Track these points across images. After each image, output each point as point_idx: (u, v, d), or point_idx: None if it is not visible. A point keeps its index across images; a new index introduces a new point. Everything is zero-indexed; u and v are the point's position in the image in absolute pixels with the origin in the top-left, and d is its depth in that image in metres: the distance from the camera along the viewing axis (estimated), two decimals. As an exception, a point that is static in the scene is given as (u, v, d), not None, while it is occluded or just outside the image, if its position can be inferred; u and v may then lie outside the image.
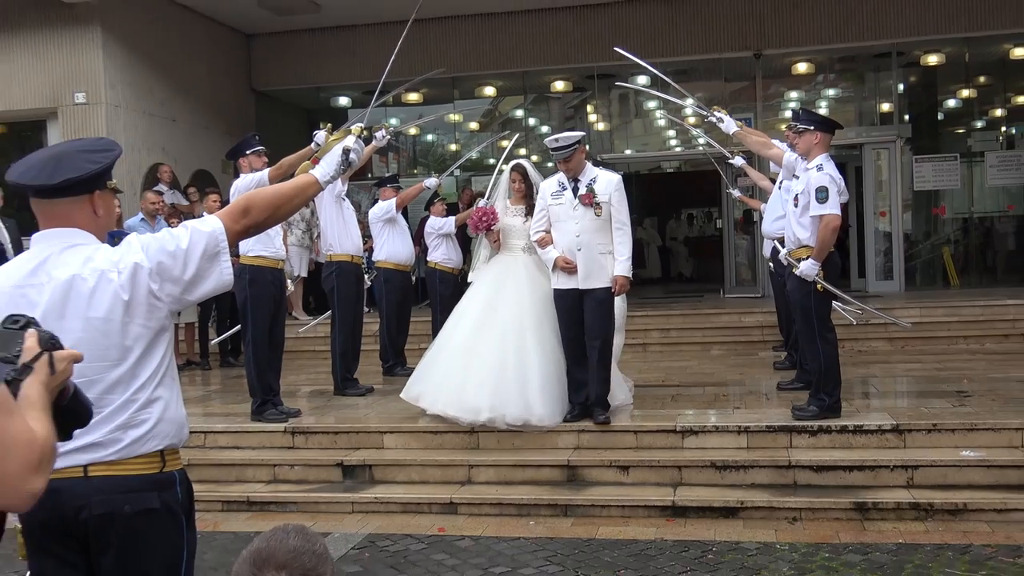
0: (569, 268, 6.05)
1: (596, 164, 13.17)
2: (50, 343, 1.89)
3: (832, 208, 5.95)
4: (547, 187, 6.30)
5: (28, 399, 1.80)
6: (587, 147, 6.34)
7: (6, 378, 1.82)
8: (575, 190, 6.09)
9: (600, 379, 6.14)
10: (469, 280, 7.18)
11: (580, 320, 6.10)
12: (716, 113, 6.93)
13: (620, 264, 6.05)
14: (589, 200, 6.02)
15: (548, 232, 6.22)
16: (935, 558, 4.72)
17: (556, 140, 6.13)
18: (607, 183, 6.10)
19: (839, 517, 5.38)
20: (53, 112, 11.07)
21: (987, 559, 4.68)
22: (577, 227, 6.06)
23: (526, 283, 6.53)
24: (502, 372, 6.10)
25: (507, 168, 6.99)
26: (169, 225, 8.60)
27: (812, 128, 6.21)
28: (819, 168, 6.04)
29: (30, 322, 1.86)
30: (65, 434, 1.85)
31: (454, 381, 6.25)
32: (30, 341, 1.86)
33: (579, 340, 6.11)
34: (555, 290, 6.19)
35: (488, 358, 6.19)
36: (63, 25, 10.88)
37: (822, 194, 5.95)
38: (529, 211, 6.64)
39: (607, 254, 6.07)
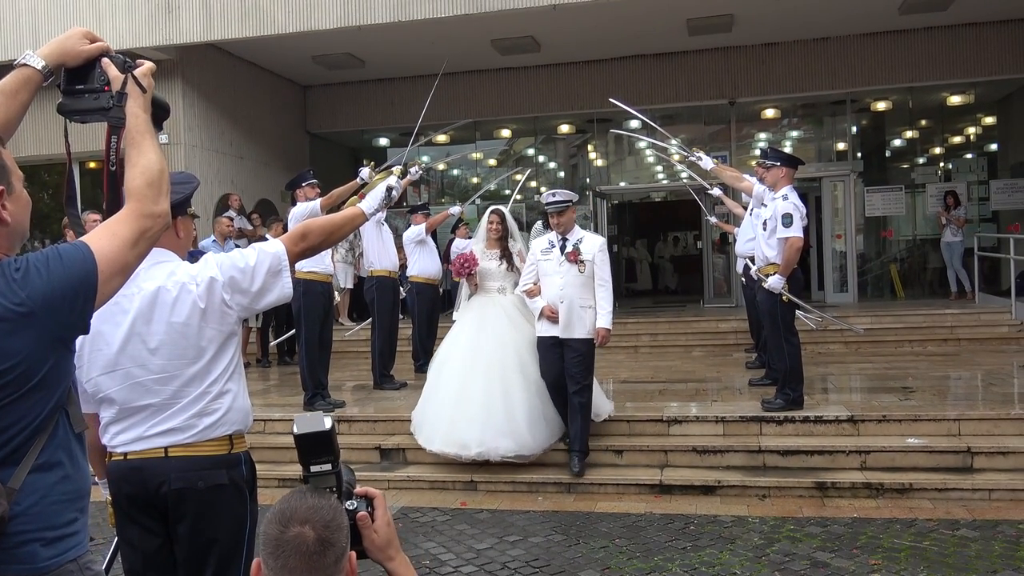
0: (553, 317, 5.64)
1: (597, 195, 13.15)
2: (126, 66, 1.75)
3: (795, 232, 5.94)
4: (538, 244, 5.88)
5: (139, 128, 1.73)
6: (576, 210, 5.89)
7: (106, 105, 1.71)
8: (563, 248, 5.70)
9: (580, 428, 5.67)
10: (454, 317, 6.66)
11: (559, 364, 5.66)
12: (696, 153, 6.91)
13: (602, 317, 5.60)
14: (574, 258, 5.63)
15: (536, 284, 5.81)
16: (885, 530, 4.67)
17: (554, 194, 5.73)
18: (592, 244, 5.69)
19: (802, 495, 5.34)
20: (141, 151, 11.16)
21: (930, 531, 4.63)
22: (562, 281, 5.64)
23: (505, 322, 6.06)
24: (489, 408, 5.68)
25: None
26: (236, 246, 8.65)
27: (779, 164, 6.20)
28: (785, 198, 6.03)
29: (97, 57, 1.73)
30: (158, 126, 1.78)
31: (445, 420, 5.83)
32: (111, 71, 1.74)
33: (559, 384, 5.68)
34: (538, 337, 5.78)
35: (475, 396, 5.74)
36: (150, 78, 10.97)
37: (787, 220, 5.94)
38: (503, 254, 6.26)
39: (588, 308, 5.62)
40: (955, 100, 13.16)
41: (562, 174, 15.30)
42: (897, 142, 14.18)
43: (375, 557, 1.51)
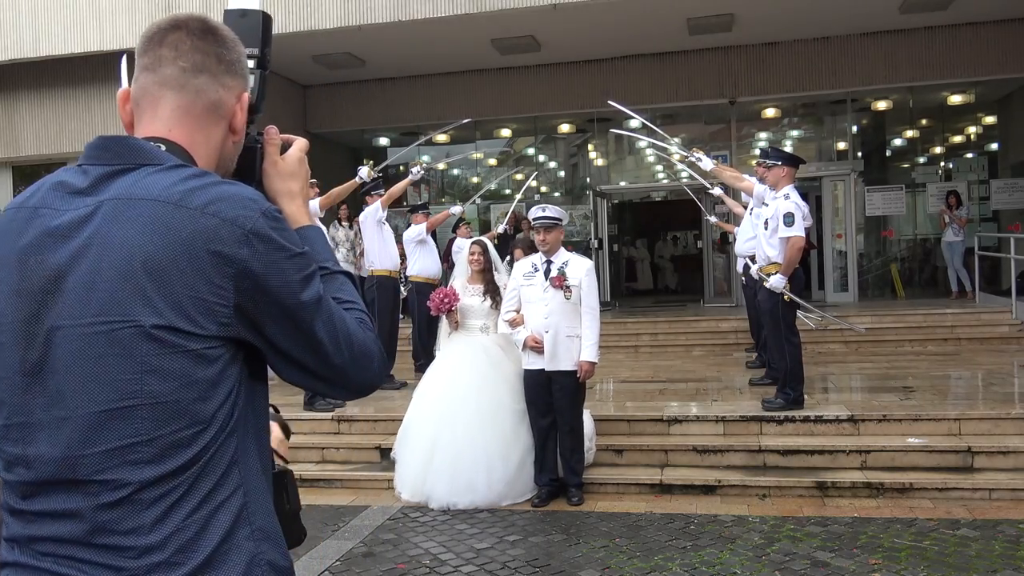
0: (537, 347, 5.27)
1: (598, 195, 13.13)
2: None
3: (797, 231, 5.93)
4: (520, 267, 5.50)
5: None
6: (564, 231, 5.54)
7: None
8: (547, 272, 5.31)
9: (574, 460, 5.39)
10: (437, 349, 6.22)
11: (547, 401, 5.33)
12: (695, 154, 6.90)
13: (586, 349, 5.23)
14: (559, 283, 5.24)
15: (518, 312, 5.44)
16: (885, 530, 4.67)
17: (544, 209, 5.36)
18: (579, 268, 5.30)
19: (802, 494, 5.34)
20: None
21: (930, 531, 4.63)
22: (546, 309, 5.26)
23: (486, 366, 5.63)
24: (457, 466, 5.32)
25: (467, 243, 6.11)
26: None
27: (780, 163, 6.20)
28: (786, 197, 6.02)
29: None
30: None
31: (415, 470, 5.50)
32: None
33: (546, 423, 5.36)
34: (524, 370, 5.43)
35: (445, 452, 5.38)
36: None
37: (789, 219, 5.93)
38: (488, 288, 5.84)
39: (574, 337, 5.25)
40: (955, 99, 13.15)
41: (562, 173, 15.30)
42: (897, 141, 14.18)
43: (274, 186, 1.31)
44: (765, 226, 6.27)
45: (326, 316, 1.17)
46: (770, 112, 13.40)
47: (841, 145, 13.51)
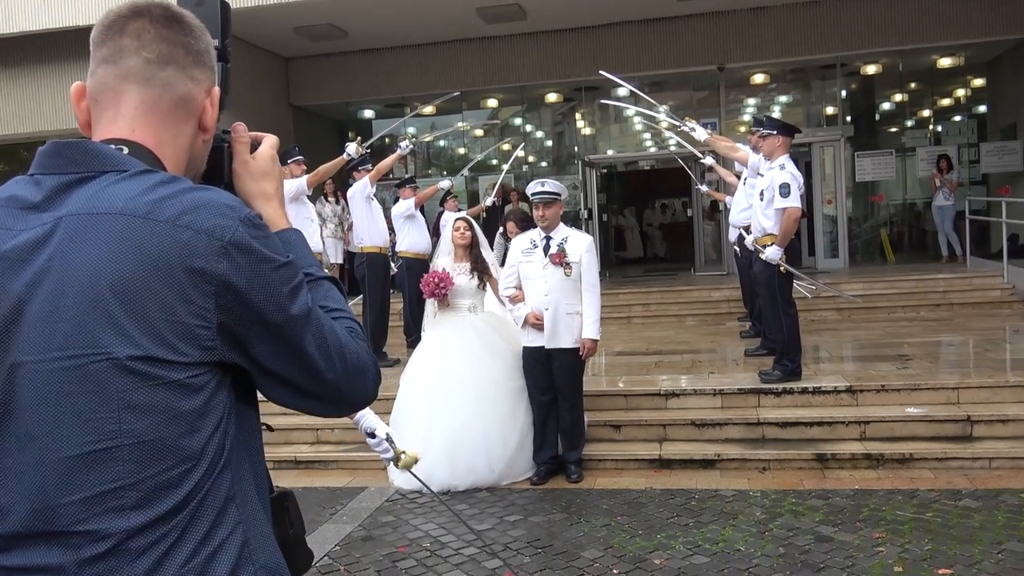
0: (538, 324, 5.19)
1: (587, 164, 13.00)
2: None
3: (794, 201, 5.84)
4: (519, 243, 5.38)
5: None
6: (563, 206, 5.40)
7: None
8: (546, 248, 5.20)
9: (574, 437, 5.34)
10: (424, 328, 6.08)
11: (548, 379, 5.26)
12: (688, 123, 6.76)
13: (588, 327, 5.16)
14: (559, 259, 5.14)
15: (519, 289, 5.34)
16: (887, 502, 4.63)
17: (543, 184, 5.24)
18: (579, 244, 5.20)
19: (803, 467, 5.30)
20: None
21: (932, 502, 4.59)
22: (546, 286, 5.17)
23: (480, 348, 5.49)
24: (455, 450, 5.16)
25: (451, 219, 5.94)
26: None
27: (775, 132, 6.07)
28: (782, 167, 5.91)
29: None
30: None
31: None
32: None
33: (546, 400, 5.29)
34: (524, 347, 5.35)
35: (441, 438, 5.18)
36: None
37: (785, 190, 5.83)
38: (475, 266, 5.66)
39: (574, 314, 5.18)
40: (945, 63, 13.05)
41: (550, 143, 15.11)
42: (887, 106, 14.08)
43: (246, 188, 1.20)
44: (761, 197, 6.16)
45: (316, 329, 1.07)
46: (759, 78, 13.26)
47: (830, 110, 13.40)
